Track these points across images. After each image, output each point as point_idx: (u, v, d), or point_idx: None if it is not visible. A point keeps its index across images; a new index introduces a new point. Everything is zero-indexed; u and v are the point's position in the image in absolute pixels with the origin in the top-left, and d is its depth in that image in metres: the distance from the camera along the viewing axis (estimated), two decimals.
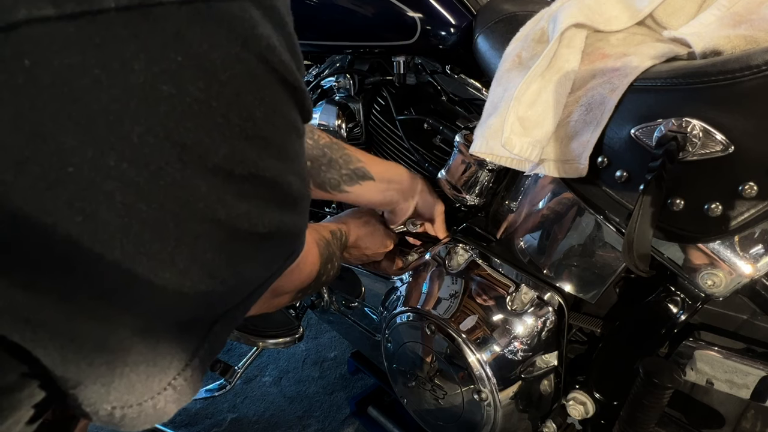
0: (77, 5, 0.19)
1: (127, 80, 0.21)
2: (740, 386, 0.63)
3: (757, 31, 0.53)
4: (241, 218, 0.27)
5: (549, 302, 0.78)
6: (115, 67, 0.21)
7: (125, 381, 0.27)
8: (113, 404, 0.28)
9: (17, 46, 0.19)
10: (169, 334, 0.28)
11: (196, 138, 0.24)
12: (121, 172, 0.22)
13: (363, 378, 1.51)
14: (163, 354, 0.28)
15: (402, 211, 0.89)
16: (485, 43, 0.81)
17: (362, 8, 0.91)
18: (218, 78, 0.24)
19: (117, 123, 0.21)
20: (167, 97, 0.22)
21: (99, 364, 0.26)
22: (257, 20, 0.25)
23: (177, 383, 0.30)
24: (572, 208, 0.74)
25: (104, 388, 0.27)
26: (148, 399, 0.29)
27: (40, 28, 0.19)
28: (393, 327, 0.91)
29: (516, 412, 0.82)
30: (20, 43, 0.19)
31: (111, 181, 0.22)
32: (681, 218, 0.54)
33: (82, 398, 0.27)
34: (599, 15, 0.66)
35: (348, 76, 1.08)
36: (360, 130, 1.08)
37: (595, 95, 0.60)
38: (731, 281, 0.58)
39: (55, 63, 0.19)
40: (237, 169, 0.26)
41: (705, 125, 0.50)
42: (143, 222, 0.23)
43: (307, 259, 0.68)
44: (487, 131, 0.66)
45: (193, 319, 0.29)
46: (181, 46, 0.22)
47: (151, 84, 0.22)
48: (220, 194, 0.25)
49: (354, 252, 0.90)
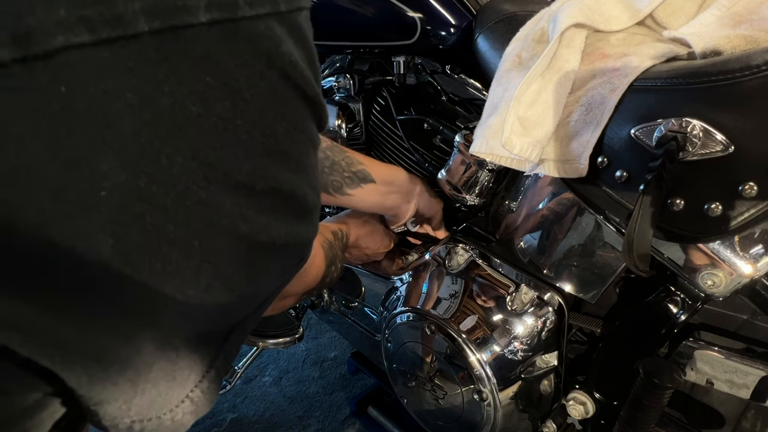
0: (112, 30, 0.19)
1: (158, 103, 0.21)
2: (740, 386, 0.63)
3: (757, 31, 0.53)
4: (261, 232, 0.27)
5: (549, 302, 0.78)
6: (147, 90, 0.21)
7: (146, 397, 0.28)
8: (133, 418, 0.28)
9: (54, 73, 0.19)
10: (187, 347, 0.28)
11: (221, 156, 0.24)
12: (151, 194, 0.22)
13: (363, 378, 1.51)
14: (182, 368, 0.29)
15: (403, 213, 0.89)
16: (485, 43, 0.81)
17: (362, 8, 0.91)
18: (243, 96, 0.24)
19: (148, 146, 0.21)
20: (195, 117, 0.22)
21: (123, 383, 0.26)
22: (281, 37, 0.25)
23: (194, 395, 0.31)
24: (572, 208, 0.74)
25: (126, 405, 0.27)
26: (167, 412, 0.30)
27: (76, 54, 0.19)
28: (393, 327, 0.91)
29: (516, 412, 0.82)
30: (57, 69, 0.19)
31: (141, 203, 0.22)
32: (681, 218, 0.54)
33: (103, 414, 0.27)
34: (599, 15, 0.66)
35: (348, 76, 1.08)
36: (360, 130, 1.08)
37: (595, 95, 0.60)
38: (731, 281, 0.58)
39: (90, 89, 0.20)
40: (258, 185, 0.26)
41: (705, 125, 0.50)
42: (171, 242, 0.23)
43: (314, 263, 0.68)
44: (487, 131, 0.66)
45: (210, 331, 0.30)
46: (210, 66, 0.22)
47: (180, 105, 0.22)
48: (242, 210, 0.26)
49: (354, 252, 0.90)
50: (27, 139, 0.19)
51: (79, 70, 0.19)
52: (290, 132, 0.27)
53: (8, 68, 0.18)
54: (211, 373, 0.31)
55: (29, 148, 0.19)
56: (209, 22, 0.22)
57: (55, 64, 0.19)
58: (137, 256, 0.23)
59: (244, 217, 0.26)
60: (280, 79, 0.25)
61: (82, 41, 0.19)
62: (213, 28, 0.22)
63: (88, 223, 0.21)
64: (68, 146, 0.20)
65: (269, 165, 0.26)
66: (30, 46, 0.18)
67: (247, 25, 0.23)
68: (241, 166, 0.25)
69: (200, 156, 0.23)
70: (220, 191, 0.24)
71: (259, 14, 0.24)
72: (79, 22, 0.19)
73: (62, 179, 0.20)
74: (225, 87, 0.23)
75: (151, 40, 0.20)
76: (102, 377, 0.25)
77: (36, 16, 0.18)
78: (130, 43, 0.20)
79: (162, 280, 0.24)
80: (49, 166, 0.19)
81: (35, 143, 0.19)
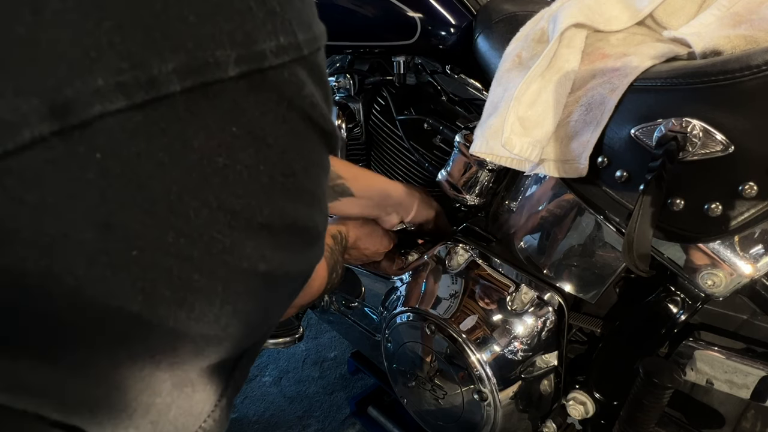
0: (146, 93, 0.19)
1: (187, 159, 0.21)
2: (740, 386, 0.63)
3: (757, 31, 0.53)
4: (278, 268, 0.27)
5: (549, 302, 0.78)
6: (177, 148, 0.21)
7: None
8: None
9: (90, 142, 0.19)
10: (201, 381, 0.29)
11: (244, 203, 0.24)
12: (179, 247, 0.22)
13: (363, 378, 1.51)
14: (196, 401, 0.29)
15: (385, 223, 0.89)
16: (485, 43, 0.81)
17: (362, 8, 0.91)
18: (267, 142, 0.24)
19: (176, 202, 0.21)
20: (221, 168, 0.22)
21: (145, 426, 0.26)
22: (303, 80, 0.25)
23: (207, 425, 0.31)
24: (572, 208, 0.74)
25: None
26: None
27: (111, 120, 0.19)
28: (393, 327, 0.91)
29: (516, 412, 0.82)
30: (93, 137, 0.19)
31: (169, 258, 0.22)
32: (681, 218, 0.54)
33: None
34: (599, 15, 0.66)
35: (348, 76, 1.08)
36: (360, 130, 1.08)
37: (595, 95, 0.60)
38: (731, 281, 0.58)
39: (123, 153, 0.19)
40: (276, 223, 0.26)
41: (705, 125, 0.50)
42: (196, 291, 0.24)
43: (317, 274, 0.68)
44: (487, 131, 0.66)
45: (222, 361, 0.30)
46: (236, 117, 0.22)
47: (208, 158, 0.22)
48: (262, 250, 0.26)
49: (353, 253, 0.90)
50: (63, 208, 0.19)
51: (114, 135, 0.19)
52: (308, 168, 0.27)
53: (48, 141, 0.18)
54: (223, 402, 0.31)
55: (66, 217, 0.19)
56: (237, 76, 0.22)
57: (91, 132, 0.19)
58: (164, 309, 0.23)
59: (263, 257, 0.26)
60: (301, 120, 0.26)
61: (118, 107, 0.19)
62: (241, 81, 0.22)
63: (120, 283, 0.21)
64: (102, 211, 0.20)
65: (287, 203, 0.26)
66: (68, 118, 0.18)
67: (273, 74, 0.23)
68: (263, 209, 0.25)
69: (225, 205, 0.23)
70: (242, 236, 0.24)
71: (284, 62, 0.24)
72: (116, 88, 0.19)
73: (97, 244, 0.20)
74: (249, 135, 0.23)
75: (181, 98, 0.20)
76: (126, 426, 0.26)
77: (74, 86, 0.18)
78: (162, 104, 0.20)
79: (185, 327, 0.24)
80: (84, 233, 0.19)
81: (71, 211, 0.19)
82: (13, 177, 0.17)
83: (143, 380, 0.25)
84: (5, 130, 0.17)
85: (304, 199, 0.28)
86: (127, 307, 0.21)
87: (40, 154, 0.18)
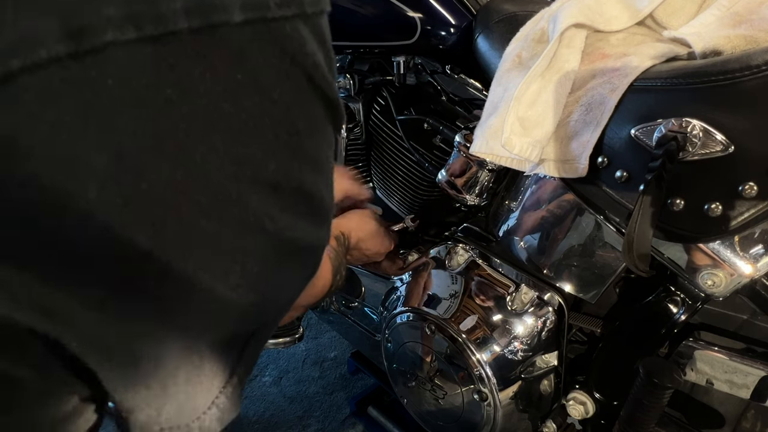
0: (155, 28, 0.20)
1: (194, 100, 0.22)
2: (740, 386, 0.63)
3: (757, 31, 0.53)
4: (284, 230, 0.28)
5: (549, 302, 0.78)
6: (185, 86, 0.22)
7: (175, 403, 0.28)
8: (163, 426, 0.29)
9: (103, 67, 0.20)
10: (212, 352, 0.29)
11: (249, 154, 0.24)
12: (187, 188, 0.23)
13: (363, 378, 1.51)
14: (207, 373, 0.29)
15: None
16: (485, 43, 0.81)
17: (362, 8, 0.91)
18: (271, 94, 0.25)
19: (185, 141, 0.22)
20: (227, 115, 0.23)
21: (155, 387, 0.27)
22: (306, 38, 0.26)
23: (220, 401, 0.31)
24: (572, 208, 0.74)
25: (156, 411, 0.28)
26: (195, 420, 0.30)
27: (122, 49, 0.20)
28: (393, 327, 0.91)
29: (516, 412, 0.82)
30: (105, 64, 0.20)
31: (178, 197, 0.23)
32: (681, 218, 0.54)
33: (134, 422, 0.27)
34: (599, 15, 0.66)
35: (348, 76, 1.08)
36: (360, 130, 1.08)
37: (595, 95, 0.60)
38: (731, 281, 0.58)
39: (133, 83, 0.20)
40: (282, 183, 0.26)
41: (705, 125, 0.50)
42: (204, 238, 0.24)
43: (321, 273, 0.68)
44: (487, 131, 0.66)
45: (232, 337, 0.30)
46: (241, 64, 0.23)
47: (214, 103, 0.23)
48: (267, 208, 0.26)
49: (355, 254, 0.90)
50: (77, 129, 0.19)
51: (125, 65, 0.20)
52: (312, 132, 0.28)
53: (63, 62, 0.19)
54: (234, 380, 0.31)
55: (79, 138, 0.20)
56: (243, 22, 0.22)
57: (103, 58, 0.19)
58: (172, 250, 0.23)
59: (270, 216, 0.26)
60: (304, 79, 0.26)
61: (128, 38, 0.20)
62: (246, 27, 0.23)
63: (130, 216, 0.21)
64: (114, 139, 0.20)
65: (293, 163, 0.27)
66: (82, 42, 0.19)
67: (276, 25, 0.24)
68: (268, 164, 0.25)
69: (231, 154, 0.24)
70: (248, 189, 0.25)
71: (286, 15, 0.24)
72: (127, 18, 0.19)
73: (108, 171, 0.20)
74: (254, 85, 0.24)
75: (189, 37, 0.21)
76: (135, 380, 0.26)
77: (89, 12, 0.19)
78: (171, 40, 0.21)
79: (196, 276, 0.24)
80: (97, 158, 0.20)
81: (85, 134, 0.20)
82: (31, 93, 0.18)
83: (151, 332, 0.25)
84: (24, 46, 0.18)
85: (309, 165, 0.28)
86: (137, 242, 0.22)
87: (56, 73, 0.19)
